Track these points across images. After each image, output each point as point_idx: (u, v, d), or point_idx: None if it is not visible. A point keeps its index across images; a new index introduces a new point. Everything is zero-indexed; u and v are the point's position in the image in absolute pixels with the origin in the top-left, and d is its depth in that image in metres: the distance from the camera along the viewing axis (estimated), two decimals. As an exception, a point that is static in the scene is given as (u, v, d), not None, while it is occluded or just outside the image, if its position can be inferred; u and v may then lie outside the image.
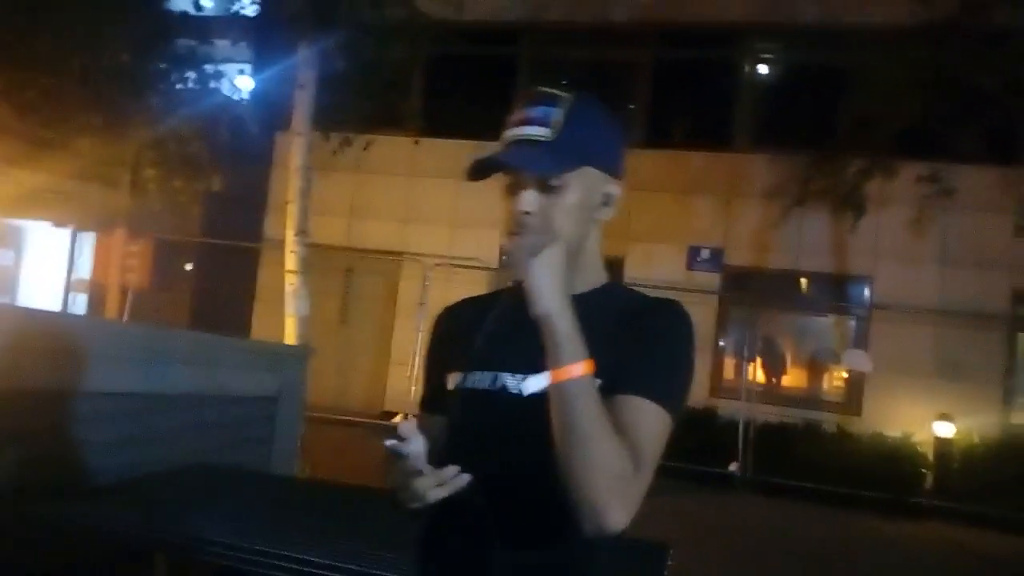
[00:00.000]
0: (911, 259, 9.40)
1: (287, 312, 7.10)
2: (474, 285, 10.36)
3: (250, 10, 8.19)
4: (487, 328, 1.28)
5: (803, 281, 10.22)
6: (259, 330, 10.61)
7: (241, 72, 10.24)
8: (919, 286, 9.29)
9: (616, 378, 1.15)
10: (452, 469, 1.09)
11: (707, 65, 10.58)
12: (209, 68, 8.85)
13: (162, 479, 3.30)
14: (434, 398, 1.35)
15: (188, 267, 11.72)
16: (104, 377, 3.37)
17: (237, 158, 9.43)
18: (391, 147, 9.18)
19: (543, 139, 1.22)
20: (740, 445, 8.49)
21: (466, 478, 1.10)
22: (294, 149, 7.23)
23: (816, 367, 10.30)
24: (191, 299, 11.17)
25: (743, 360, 9.14)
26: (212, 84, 8.97)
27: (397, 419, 1.14)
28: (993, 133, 8.11)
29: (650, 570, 2.79)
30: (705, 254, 10.03)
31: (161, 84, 8.59)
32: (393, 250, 10.67)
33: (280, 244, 7.47)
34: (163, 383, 3.78)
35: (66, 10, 7.48)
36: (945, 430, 8.45)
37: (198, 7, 8.38)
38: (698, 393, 9.58)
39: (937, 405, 8.59)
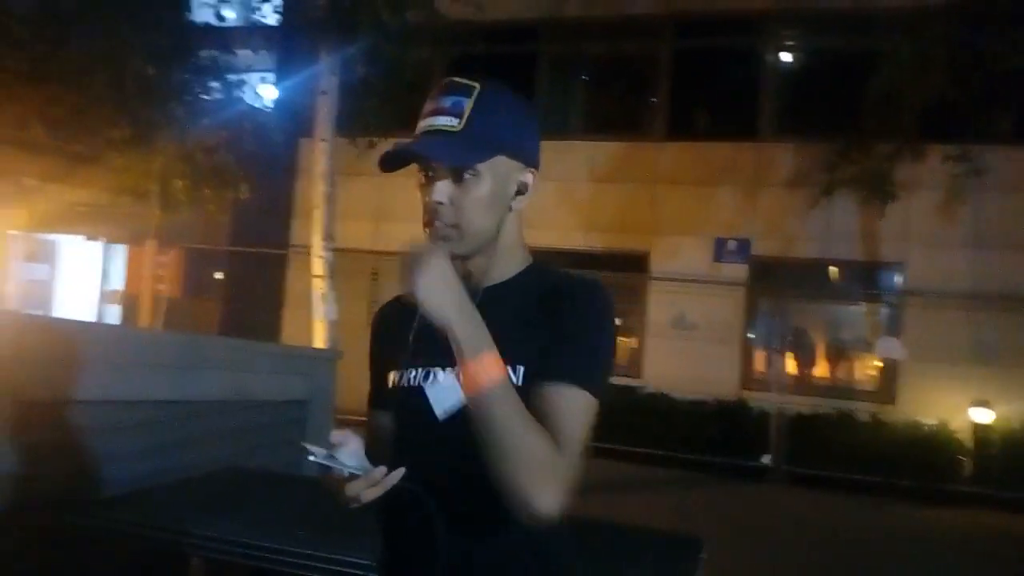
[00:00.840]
0: (943, 243, 9.23)
1: (315, 316, 7.18)
2: (500, 284, 10.38)
3: (271, 19, 8.27)
4: (419, 324, 1.26)
5: (833, 269, 10.09)
6: (288, 335, 10.72)
7: (264, 80, 10.35)
8: (952, 271, 9.13)
9: (538, 364, 1.16)
10: (381, 469, 1.12)
11: (728, 54, 10.48)
12: (232, 77, 8.96)
13: (196, 483, 3.36)
14: (378, 395, 1.37)
15: (218, 275, 11.88)
16: (140, 385, 3.43)
17: (262, 166, 9.53)
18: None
19: (453, 129, 1.23)
20: (772, 436, 8.41)
21: (398, 475, 1.12)
22: (318, 155, 7.31)
23: (848, 356, 10.17)
24: (221, 306, 11.31)
25: (773, 351, 9.05)
26: (236, 93, 9.09)
27: (334, 433, 1.15)
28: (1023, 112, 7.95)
29: (683, 564, 2.78)
30: (732, 245, 9.94)
31: (186, 95, 8.72)
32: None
33: (307, 249, 7.55)
34: (196, 389, 3.84)
35: (92, 25, 7.62)
36: (983, 416, 8.29)
37: (220, 18, 8.50)
38: (728, 385, 9.52)
39: (973, 391, 8.43)
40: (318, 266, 7.16)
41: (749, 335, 9.96)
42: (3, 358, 2.73)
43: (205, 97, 8.93)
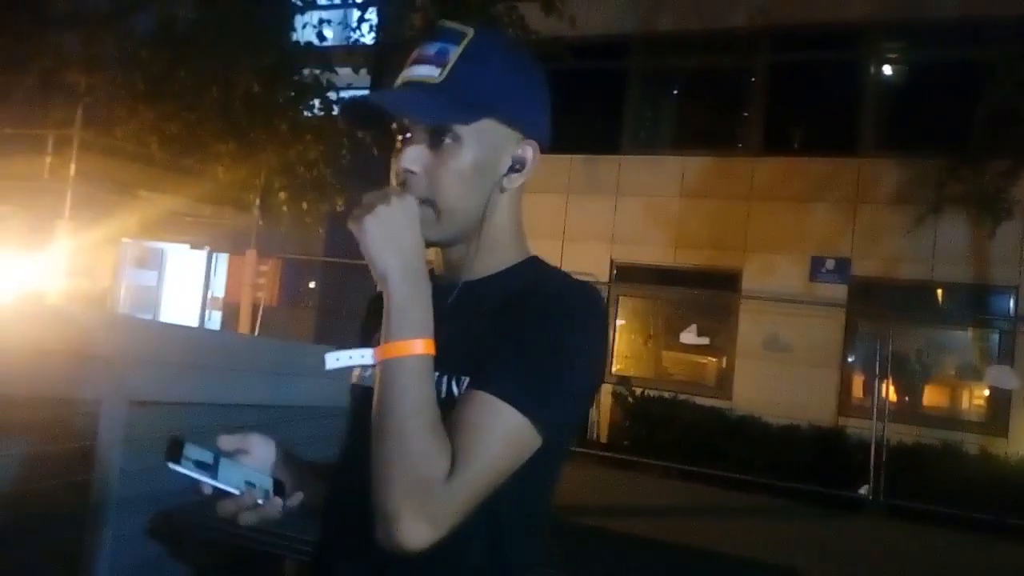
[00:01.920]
0: (1062, 267, 8.65)
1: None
2: (587, 299, 10.34)
3: (368, 39, 8.53)
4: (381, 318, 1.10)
5: (939, 292, 9.59)
6: (379, 345, 10.94)
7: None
8: (1072, 296, 8.54)
9: (479, 370, 0.93)
10: (252, 494, 0.98)
11: (827, 66, 10.16)
12: (332, 95, 9.28)
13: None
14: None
15: (312, 284, 12.27)
16: (239, 389, 3.56)
17: (357, 179, 9.81)
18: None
19: (432, 81, 0.99)
20: (871, 467, 8.02)
21: (278, 506, 1.01)
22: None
23: (954, 384, 9.63)
24: (315, 315, 11.68)
25: (873, 377, 8.65)
26: (335, 110, 9.41)
27: (222, 437, 1.03)
28: None
29: (776, 595, 2.68)
30: (830, 264, 9.59)
31: (289, 111, 9.08)
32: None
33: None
34: (290, 395, 3.96)
35: (204, 46, 8.04)
36: (1107, 454, 7.70)
37: (321, 38, 8.82)
38: (824, 410, 9.16)
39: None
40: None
41: (848, 359, 9.57)
42: (117, 359, 2.88)
43: (307, 114, 9.28)
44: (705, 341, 10.35)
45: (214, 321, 12.68)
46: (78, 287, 9.39)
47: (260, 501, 1.00)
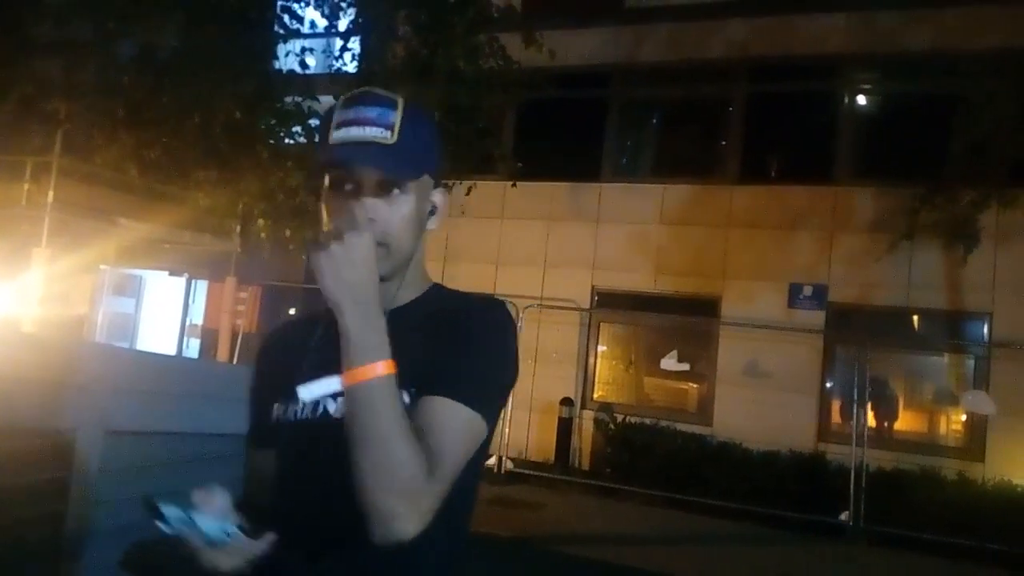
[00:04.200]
0: (1034, 294, 8.80)
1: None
2: (567, 326, 10.38)
3: (351, 67, 8.58)
4: (306, 351, 1.21)
5: (915, 318, 9.72)
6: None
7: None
8: (1044, 322, 8.68)
9: (427, 381, 1.10)
10: (240, 542, 1.04)
11: (804, 97, 10.36)
12: (314, 122, 9.30)
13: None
14: (259, 432, 1.28)
15: (292, 311, 12.20)
16: (219, 418, 3.53)
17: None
18: (484, 190, 9.35)
19: (386, 142, 1.14)
20: (851, 493, 8.05)
21: (260, 547, 1.05)
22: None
23: (932, 409, 9.72)
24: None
25: (852, 402, 8.71)
26: (317, 137, 9.43)
27: (196, 492, 1.08)
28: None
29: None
30: (807, 291, 9.70)
31: (271, 138, 9.09)
32: (486, 292, 10.79)
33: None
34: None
35: (185, 73, 8.05)
36: (1082, 478, 7.78)
37: (304, 66, 8.86)
38: (804, 437, 9.20)
39: (1071, 451, 7.94)
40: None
41: (826, 384, 9.64)
42: (93, 387, 2.85)
43: (289, 141, 9.29)
44: (686, 367, 10.39)
45: (193, 348, 12.55)
46: (55, 314, 9.28)
47: (241, 546, 1.05)
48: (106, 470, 2.88)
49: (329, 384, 1.12)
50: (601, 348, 10.78)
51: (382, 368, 1.04)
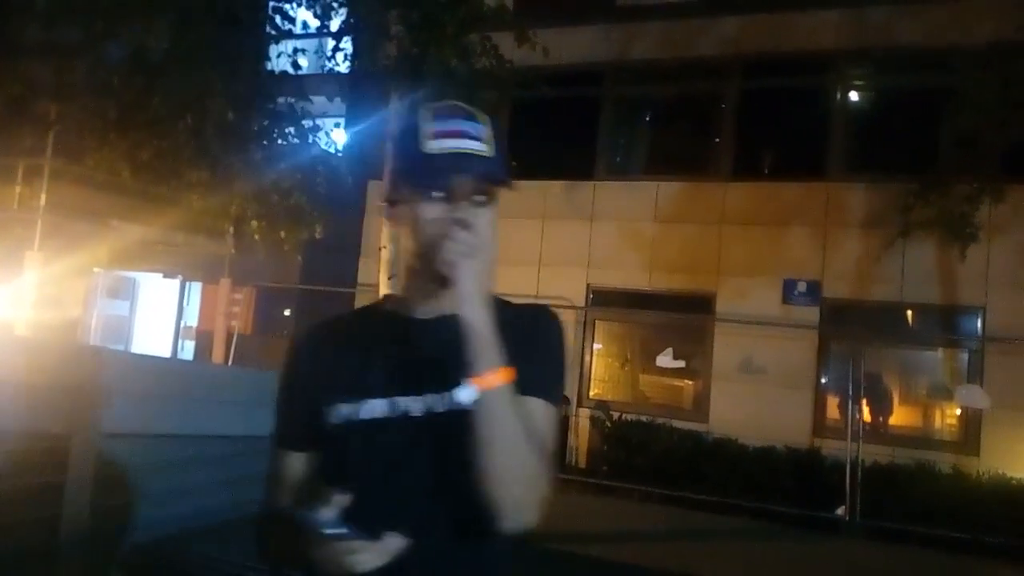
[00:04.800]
0: (1026, 287, 8.84)
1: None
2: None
3: (343, 67, 8.57)
4: (372, 352, 1.24)
5: (908, 313, 9.74)
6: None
7: (336, 125, 10.70)
8: (1037, 316, 8.72)
9: (517, 383, 1.15)
10: (394, 541, 1.06)
11: (796, 93, 10.37)
12: (307, 123, 9.29)
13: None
14: (301, 434, 1.28)
15: (287, 312, 12.18)
16: (214, 420, 3.52)
17: (333, 207, 9.81)
18: (479, 190, 9.31)
19: (485, 154, 1.20)
20: (847, 488, 8.07)
21: (400, 543, 1.07)
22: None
23: (927, 404, 9.75)
24: (291, 343, 11.56)
25: (847, 398, 8.74)
26: (310, 138, 9.41)
27: (337, 496, 1.07)
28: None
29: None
30: (802, 287, 9.71)
31: (263, 139, 9.07)
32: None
33: (374, 288, 7.69)
34: (267, 425, 3.91)
35: (177, 74, 8.02)
36: (1076, 471, 7.81)
37: (296, 66, 8.84)
38: (799, 432, 9.22)
39: (1065, 444, 7.97)
40: (385, 305, 7.27)
41: (821, 380, 9.67)
42: (88, 391, 2.84)
43: (281, 142, 9.27)
44: (681, 364, 10.41)
45: (187, 351, 12.52)
46: (48, 318, 9.24)
47: (384, 546, 1.08)
48: (102, 473, 2.87)
49: (468, 392, 1.15)
50: (596, 346, 10.79)
51: (507, 374, 1.12)
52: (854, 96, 10.55)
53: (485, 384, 1.10)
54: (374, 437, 1.20)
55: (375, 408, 1.21)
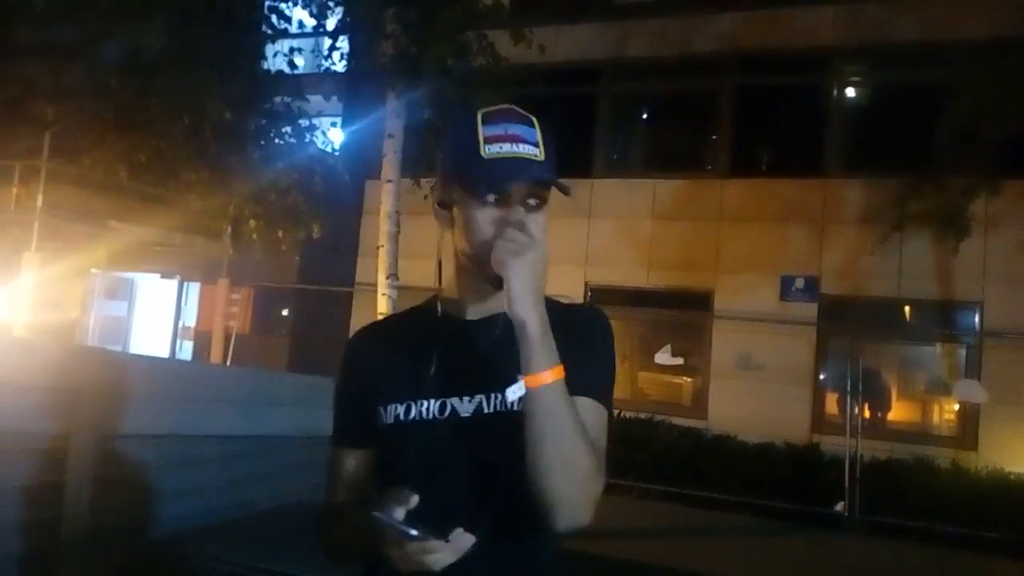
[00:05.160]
0: (1023, 281, 8.85)
1: (380, 353, 7.24)
2: (562, 322, 10.37)
3: (340, 66, 8.55)
4: (422, 353, 1.26)
5: (906, 309, 9.76)
6: (353, 372, 10.87)
7: (333, 125, 10.68)
8: (1034, 310, 8.73)
9: (568, 383, 1.15)
10: (467, 538, 1.06)
11: (793, 90, 10.38)
12: (304, 122, 9.28)
13: (266, 519, 3.41)
14: (358, 432, 1.30)
15: (285, 312, 12.18)
16: (212, 421, 3.52)
17: (331, 207, 9.80)
18: (476, 189, 9.31)
19: (537, 159, 1.22)
20: (846, 483, 8.09)
21: (470, 540, 1.06)
22: (384, 195, 7.47)
23: (925, 399, 9.77)
24: (289, 343, 11.58)
25: (845, 393, 8.75)
26: (307, 137, 9.40)
27: (412, 496, 1.08)
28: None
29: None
30: (799, 283, 9.73)
31: (260, 139, 9.05)
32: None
33: (372, 287, 7.68)
34: (266, 425, 3.92)
35: (174, 75, 8.01)
36: (1074, 465, 7.83)
37: (292, 66, 8.83)
38: (798, 428, 9.24)
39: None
40: (383, 304, 7.26)
41: (820, 376, 9.68)
42: (84, 393, 2.83)
43: (278, 141, 9.26)
44: (680, 361, 10.41)
45: (186, 351, 12.51)
46: (46, 320, 9.23)
47: (457, 544, 1.07)
48: (101, 474, 2.87)
49: (519, 387, 1.16)
50: (595, 344, 10.78)
51: (560, 372, 1.12)
52: (850, 92, 10.56)
53: (539, 381, 1.10)
54: (424, 437, 1.23)
55: (426, 409, 1.24)
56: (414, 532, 1.05)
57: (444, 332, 1.28)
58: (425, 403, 1.24)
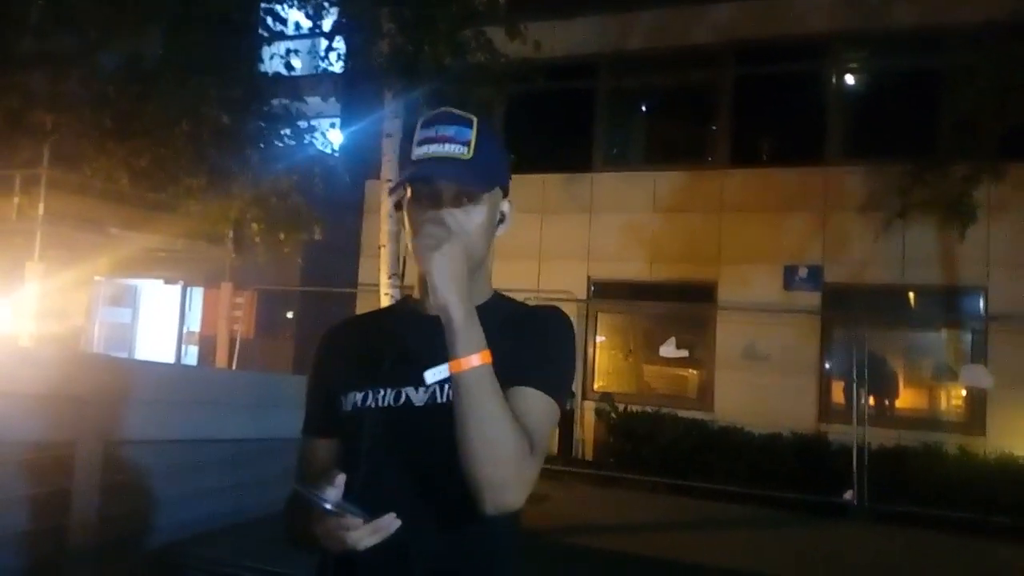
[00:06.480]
0: (1028, 266, 8.83)
1: (384, 353, 7.25)
2: (566, 318, 10.36)
3: (337, 67, 8.55)
4: (384, 345, 1.32)
5: (910, 295, 9.73)
6: (359, 372, 10.88)
7: (332, 126, 10.68)
8: (1038, 294, 8.70)
9: (507, 375, 1.19)
10: (391, 519, 1.11)
11: (791, 79, 10.34)
12: (302, 124, 9.28)
13: (272, 521, 3.41)
14: (322, 421, 1.37)
15: (289, 315, 12.20)
16: (218, 424, 3.53)
17: (332, 208, 9.80)
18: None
19: (463, 157, 1.26)
20: (854, 472, 8.08)
21: (396, 523, 1.11)
22: (384, 195, 7.46)
23: (932, 385, 9.75)
24: (293, 345, 11.60)
25: (852, 382, 8.73)
26: (306, 139, 9.40)
27: (338, 475, 1.13)
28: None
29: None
30: (803, 273, 9.70)
31: (259, 142, 9.06)
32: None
33: (375, 287, 7.69)
34: (271, 427, 3.92)
35: (172, 80, 8.02)
36: (1083, 448, 7.80)
37: (289, 68, 8.83)
38: (805, 418, 9.22)
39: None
40: (385, 303, 7.28)
41: (825, 365, 9.66)
42: (90, 400, 2.84)
43: (277, 144, 9.26)
44: (684, 354, 10.40)
45: (191, 356, 12.54)
46: (51, 328, 9.25)
47: (385, 524, 1.11)
48: (108, 481, 2.88)
49: (441, 371, 1.19)
50: (600, 338, 10.79)
51: (486, 357, 1.14)
52: (850, 79, 10.52)
53: (461, 366, 1.13)
54: (378, 423, 1.27)
55: (382, 396, 1.28)
56: (329, 506, 1.08)
57: (406, 326, 1.34)
58: (382, 391, 1.29)
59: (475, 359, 1.13)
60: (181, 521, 3.19)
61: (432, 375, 1.21)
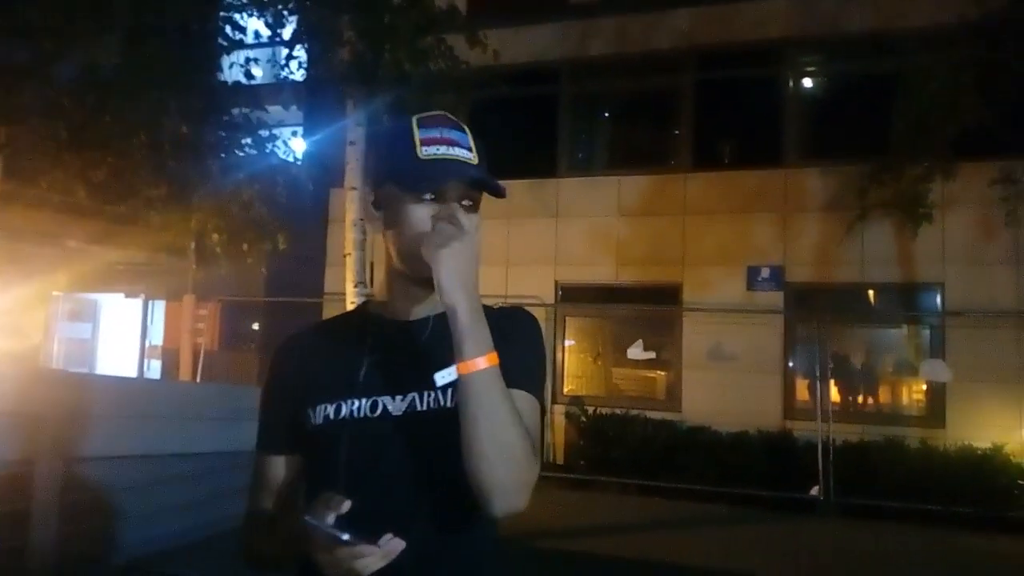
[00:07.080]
0: (981, 262, 9.06)
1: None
2: (533, 323, 10.38)
3: (298, 75, 8.49)
4: (351, 353, 1.27)
5: (870, 293, 9.93)
6: (326, 383, 10.78)
7: (294, 134, 10.59)
8: (993, 289, 8.94)
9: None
10: (397, 543, 1.05)
11: (750, 83, 10.51)
12: (264, 133, 9.18)
13: (235, 536, 3.36)
14: (284, 437, 1.31)
15: (254, 326, 12.05)
16: (183, 438, 3.47)
17: (296, 217, 9.71)
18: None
19: (472, 162, 1.26)
20: (820, 468, 8.21)
21: (401, 545, 1.06)
22: (349, 203, 7.43)
23: (893, 380, 9.95)
24: (259, 356, 11.46)
25: (815, 379, 8.88)
26: (268, 148, 9.30)
27: (344, 502, 1.08)
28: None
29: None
30: (765, 273, 9.85)
31: (220, 152, 8.94)
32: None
33: (341, 296, 7.63)
34: (238, 440, 3.87)
35: (129, 91, 7.88)
36: (1038, 438, 8.02)
37: (249, 76, 8.73)
38: (771, 416, 9.35)
39: (1026, 412, 8.18)
40: (352, 313, 7.23)
41: (789, 363, 9.81)
42: (50, 417, 2.78)
43: (239, 153, 9.15)
44: (652, 355, 10.49)
45: (153, 370, 12.33)
46: (7, 346, 9.03)
47: (387, 549, 1.07)
48: (68, 499, 2.82)
49: (450, 372, 1.17)
50: (568, 342, 10.83)
51: (494, 358, 1.13)
52: (807, 83, 10.73)
53: (471, 368, 1.11)
54: (355, 436, 1.22)
55: (357, 408, 1.23)
56: (345, 537, 1.04)
57: (375, 334, 1.29)
58: (356, 402, 1.23)
59: (483, 361, 1.12)
60: (145, 538, 3.13)
61: (442, 377, 1.19)
